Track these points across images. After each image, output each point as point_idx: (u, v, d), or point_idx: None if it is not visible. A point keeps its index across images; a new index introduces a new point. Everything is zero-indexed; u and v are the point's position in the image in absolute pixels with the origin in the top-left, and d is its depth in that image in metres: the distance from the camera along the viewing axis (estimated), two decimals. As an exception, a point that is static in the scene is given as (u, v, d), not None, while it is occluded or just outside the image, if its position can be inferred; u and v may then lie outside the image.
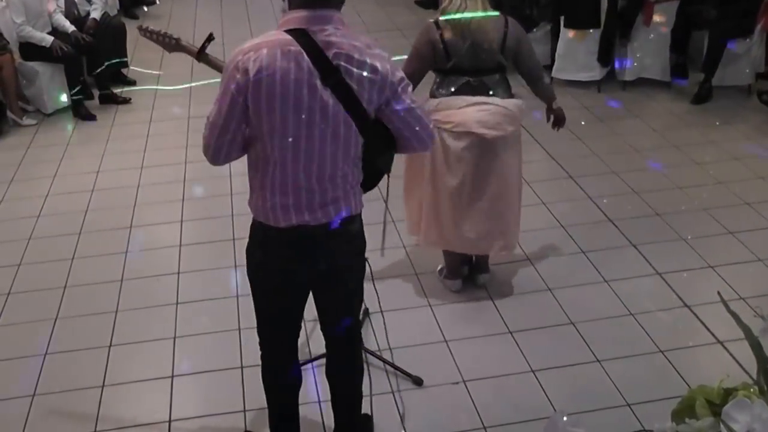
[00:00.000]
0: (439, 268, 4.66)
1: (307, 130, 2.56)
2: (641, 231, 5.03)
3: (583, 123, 6.77)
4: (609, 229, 5.10)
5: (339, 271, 2.85)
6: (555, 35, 7.62)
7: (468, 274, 4.61)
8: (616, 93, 7.39)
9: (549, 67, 7.52)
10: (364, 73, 2.55)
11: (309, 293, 2.96)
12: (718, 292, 2.84)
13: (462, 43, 4.01)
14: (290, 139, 2.57)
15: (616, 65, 7.52)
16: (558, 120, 4.49)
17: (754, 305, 4.14)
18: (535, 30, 7.69)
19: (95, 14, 7.76)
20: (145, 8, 11.11)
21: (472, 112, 4.06)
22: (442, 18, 4.04)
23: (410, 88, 2.69)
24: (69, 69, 7.23)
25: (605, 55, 7.35)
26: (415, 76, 4.00)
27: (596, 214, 5.29)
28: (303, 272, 2.81)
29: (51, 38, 7.08)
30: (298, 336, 3.09)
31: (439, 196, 4.25)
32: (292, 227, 2.69)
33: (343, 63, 2.53)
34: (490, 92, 4.10)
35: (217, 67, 3.56)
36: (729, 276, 4.51)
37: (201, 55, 3.62)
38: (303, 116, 2.54)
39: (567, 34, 7.41)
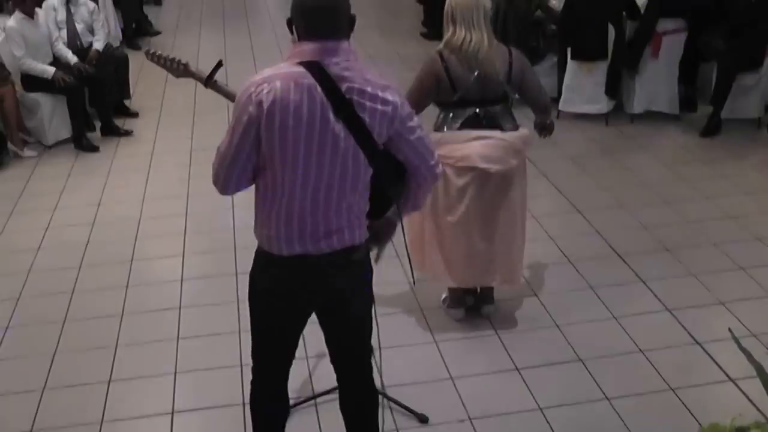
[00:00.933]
0: (443, 297, 4.63)
1: (317, 162, 2.60)
2: (650, 266, 4.97)
3: (590, 156, 6.73)
4: (617, 264, 5.04)
5: (342, 300, 2.86)
6: (562, 67, 7.61)
7: (473, 304, 4.57)
8: (624, 126, 7.36)
9: (556, 100, 7.50)
10: (377, 107, 2.60)
11: (307, 321, 2.94)
12: (730, 329, 2.79)
13: (469, 74, 4.00)
14: (300, 171, 2.60)
15: (624, 98, 7.50)
16: (547, 129, 4.41)
17: (766, 342, 4.10)
18: (541, 62, 7.67)
19: (98, 45, 7.77)
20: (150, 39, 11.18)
21: (475, 146, 4.05)
22: (446, 50, 4.02)
23: (417, 118, 2.76)
24: (71, 100, 7.21)
25: (613, 88, 7.33)
26: (416, 108, 3.97)
27: (604, 249, 5.22)
28: (305, 300, 2.83)
29: (53, 69, 7.08)
30: (290, 365, 3.05)
31: (443, 229, 4.23)
32: (295, 256, 2.71)
33: (356, 97, 2.58)
34: (497, 123, 4.09)
35: (225, 94, 3.55)
36: (740, 312, 4.44)
37: (209, 81, 3.62)
38: (314, 148, 2.58)
39: (574, 66, 7.40)
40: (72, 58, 7.38)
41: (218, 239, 5.50)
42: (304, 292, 2.79)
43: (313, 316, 2.93)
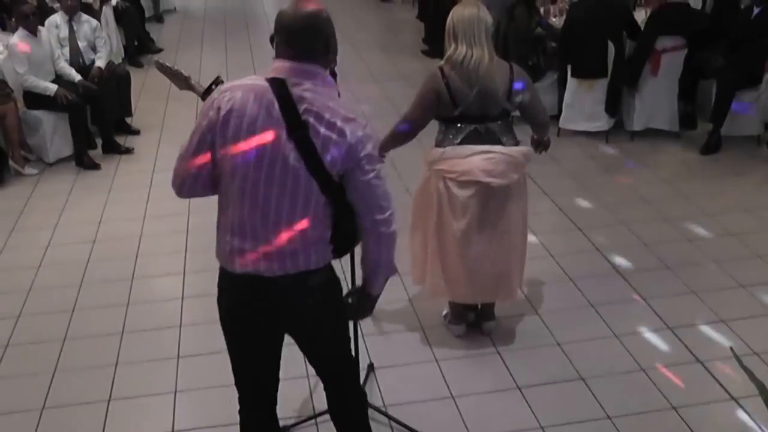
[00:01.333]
0: (444, 313, 4.65)
1: (266, 177, 2.59)
2: (651, 284, 4.97)
3: (590, 174, 6.75)
4: (618, 281, 5.04)
5: (306, 323, 2.84)
6: (562, 85, 7.64)
7: (473, 321, 4.58)
8: (624, 143, 7.38)
9: (556, 117, 7.53)
10: (331, 135, 2.55)
11: (280, 343, 2.94)
12: (731, 348, 2.79)
13: (469, 90, 4.02)
14: (249, 182, 2.60)
15: (624, 115, 7.52)
16: (543, 145, 4.43)
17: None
18: (541, 79, 7.69)
19: (100, 63, 7.79)
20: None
21: (477, 161, 4.06)
22: (447, 65, 4.04)
23: (378, 165, 2.66)
24: (73, 118, 7.23)
25: (613, 105, 7.36)
26: (417, 123, 4.12)
27: (605, 266, 5.23)
28: (267, 321, 2.81)
29: (55, 87, 7.10)
30: (274, 390, 3.05)
31: (445, 244, 4.25)
32: (247, 275, 2.70)
33: (311, 120, 2.56)
34: (498, 139, 4.11)
35: None
36: (742, 331, 4.44)
37: (206, 96, 3.62)
38: (265, 162, 2.58)
39: (574, 84, 7.43)
40: (75, 76, 7.41)
41: None
42: (263, 313, 2.77)
43: None
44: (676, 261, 5.22)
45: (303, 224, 2.65)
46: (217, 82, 3.62)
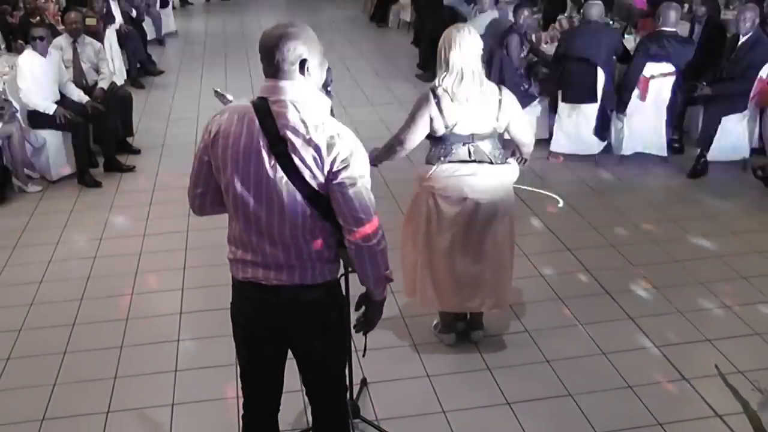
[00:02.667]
0: (434, 323, 4.78)
1: (254, 194, 2.70)
2: (639, 304, 5.06)
3: (580, 196, 6.85)
4: (606, 301, 5.12)
5: (301, 338, 2.92)
6: (553, 109, 7.76)
7: (463, 330, 4.71)
8: (614, 167, 7.48)
9: (547, 141, 7.66)
10: (309, 148, 2.63)
11: (284, 354, 3.02)
12: (716, 366, 2.86)
13: (459, 110, 4.14)
14: (240, 201, 2.73)
15: (613, 139, 7.63)
16: (523, 162, 4.56)
17: (752, 379, 4.16)
18: (532, 104, 7.83)
19: (103, 84, 7.92)
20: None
21: (465, 178, 4.21)
22: (440, 88, 4.17)
23: (357, 175, 2.67)
24: (76, 137, 7.33)
25: (602, 130, 7.46)
26: (410, 141, 4.24)
27: (594, 286, 5.32)
28: (266, 329, 2.91)
29: (54, 106, 7.19)
30: (278, 396, 3.13)
31: (434, 256, 4.40)
32: (249, 282, 2.82)
33: (289, 135, 2.63)
34: (486, 157, 4.22)
35: None
36: (727, 349, 4.52)
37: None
38: (251, 180, 2.69)
39: (565, 109, 7.54)
40: (83, 98, 7.53)
41: (217, 273, 5.50)
42: (262, 322, 2.89)
43: None
44: (663, 281, 5.31)
45: (295, 239, 2.74)
46: (218, 94, 3.80)
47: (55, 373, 4.53)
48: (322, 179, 2.66)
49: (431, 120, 4.17)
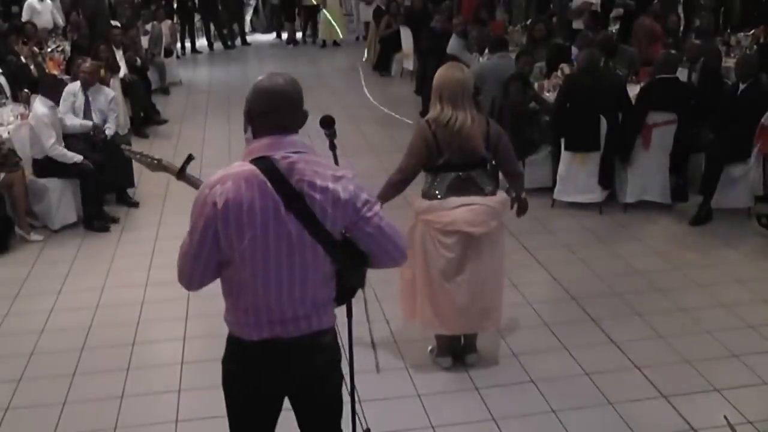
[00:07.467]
0: (429, 348, 5.01)
1: (275, 256, 2.66)
2: (645, 353, 5.02)
3: (584, 245, 6.84)
4: (612, 351, 5.09)
5: (318, 379, 2.91)
6: (556, 158, 7.76)
7: (459, 353, 4.92)
8: (618, 215, 7.49)
9: (550, 189, 7.67)
10: (328, 198, 2.64)
11: (280, 408, 2.99)
12: (725, 416, 2.84)
13: (452, 142, 4.42)
14: (260, 267, 2.67)
15: (617, 187, 7.64)
16: (522, 209, 4.88)
17: (761, 429, 4.13)
18: (536, 152, 7.85)
19: (109, 131, 7.96)
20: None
21: (460, 212, 4.50)
22: (434, 123, 4.43)
23: (377, 207, 2.76)
24: (85, 185, 7.37)
25: (606, 178, 7.47)
26: (411, 171, 4.58)
27: (599, 335, 5.28)
28: (279, 382, 2.88)
29: (80, 157, 7.27)
30: None
31: (432, 283, 4.66)
32: (264, 340, 2.78)
33: (306, 189, 2.64)
34: (478, 185, 4.54)
35: (196, 186, 3.58)
36: (735, 399, 4.48)
37: (181, 174, 3.68)
38: (271, 243, 2.65)
39: (568, 157, 7.55)
40: (86, 123, 7.69)
41: (219, 324, 5.43)
42: (278, 374, 2.84)
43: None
44: (669, 331, 5.28)
45: (315, 290, 2.75)
46: (189, 160, 3.66)
47: (54, 423, 4.49)
48: (341, 224, 2.69)
49: (428, 148, 4.47)
